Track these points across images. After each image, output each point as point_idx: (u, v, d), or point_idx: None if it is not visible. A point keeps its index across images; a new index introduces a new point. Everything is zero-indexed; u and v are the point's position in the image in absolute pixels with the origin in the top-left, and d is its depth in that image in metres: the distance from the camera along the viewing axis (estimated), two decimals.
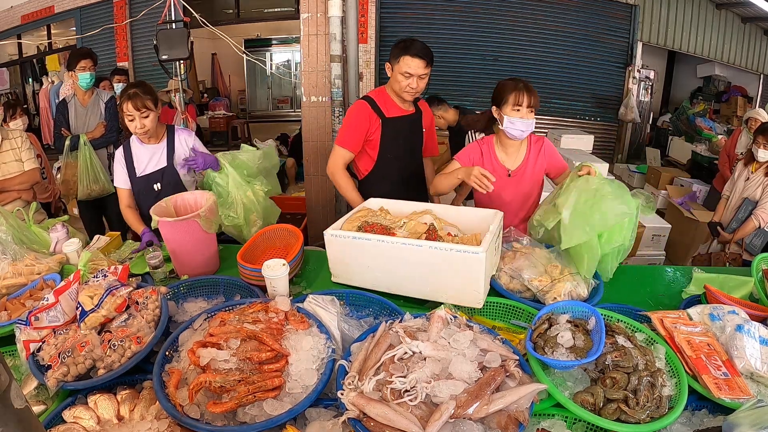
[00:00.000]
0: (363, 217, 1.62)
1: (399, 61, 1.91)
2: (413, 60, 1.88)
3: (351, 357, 1.12)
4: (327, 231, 1.50)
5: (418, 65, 1.89)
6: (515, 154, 1.90)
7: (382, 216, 1.66)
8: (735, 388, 1.06)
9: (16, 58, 7.89)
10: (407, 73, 1.91)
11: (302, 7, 3.24)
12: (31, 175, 2.39)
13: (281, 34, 9.72)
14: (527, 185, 1.92)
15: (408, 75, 1.91)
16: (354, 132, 2.04)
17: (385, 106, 2.05)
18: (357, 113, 2.03)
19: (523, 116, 1.73)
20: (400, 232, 1.54)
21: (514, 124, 1.74)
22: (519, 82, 1.75)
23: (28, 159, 2.38)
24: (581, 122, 6.92)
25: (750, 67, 6.97)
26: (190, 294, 1.50)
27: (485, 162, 1.88)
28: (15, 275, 1.54)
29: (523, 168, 1.90)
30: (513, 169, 1.89)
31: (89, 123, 3.06)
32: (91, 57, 3.02)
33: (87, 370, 1.09)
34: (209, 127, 8.46)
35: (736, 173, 2.96)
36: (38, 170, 2.48)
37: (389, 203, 1.77)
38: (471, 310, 1.42)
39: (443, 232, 1.59)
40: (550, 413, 1.07)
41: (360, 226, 1.56)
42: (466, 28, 6.71)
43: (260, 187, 2.03)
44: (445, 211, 1.71)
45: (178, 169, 2.09)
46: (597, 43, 6.81)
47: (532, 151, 1.89)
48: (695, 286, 1.65)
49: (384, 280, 1.47)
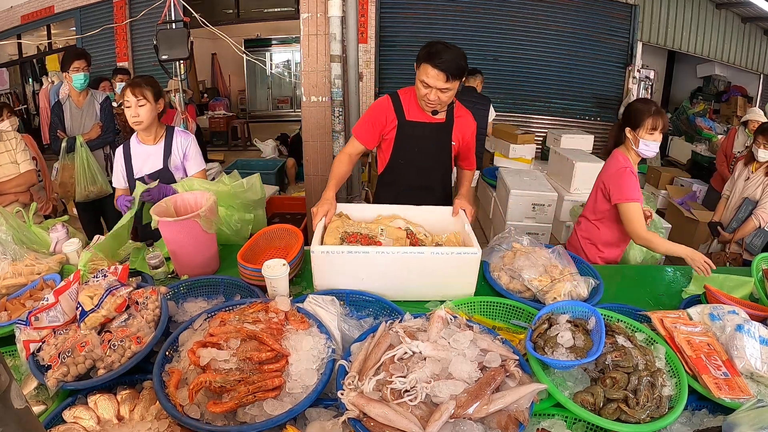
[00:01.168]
0: (339, 227, 1.59)
1: (420, 68, 1.71)
2: (432, 70, 1.65)
3: (351, 357, 1.12)
4: (316, 248, 1.42)
5: (437, 78, 1.65)
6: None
7: (357, 224, 1.65)
8: (735, 388, 1.06)
9: (16, 58, 7.89)
10: (425, 83, 1.70)
11: (302, 7, 3.23)
12: (28, 177, 2.38)
13: (281, 34, 9.73)
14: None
15: (426, 85, 1.70)
16: (367, 124, 1.92)
17: (408, 106, 1.88)
18: (375, 107, 1.92)
19: (656, 139, 1.84)
20: (382, 239, 1.57)
21: (649, 146, 1.84)
22: (652, 105, 1.85)
23: (24, 161, 2.37)
24: (581, 122, 6.93)
25: (750, 67, 6.97)
26: (190, 294, 1.50)
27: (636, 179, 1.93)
28: (15, 275, 1.54)
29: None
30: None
31: (85, 124, 3.05)
32: (85, 57, 3.00)
33: (87, 370, 1.09)
34: (209, 127, 8.47)
35: (736, 173, 2.96)
36: (34, 172, 2.47)
37: (348, 208, 1.76)
38: (471, 310, 1.43)
39: (420, 235, 1.66)
40: (550, 413, 1.07)
41: (342, 238, 1.54)
42: (467, 28, 6.71)
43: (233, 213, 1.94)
44: (408, 212, 1.75)
45: (173, 171, 2.09)
46: (597, 43, 6.81)
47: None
48: (695, 286, 1.66)
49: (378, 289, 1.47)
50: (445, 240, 1.65)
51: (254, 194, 2.03)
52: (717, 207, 3.10)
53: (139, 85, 1.94)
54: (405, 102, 1.88)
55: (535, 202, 3.87)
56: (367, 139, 1.92)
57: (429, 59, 1.65)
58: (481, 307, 1.45)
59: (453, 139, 1.95)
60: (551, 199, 3.89)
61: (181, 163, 2.11)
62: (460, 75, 1.67)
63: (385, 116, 1.89)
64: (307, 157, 3.59)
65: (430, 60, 1.64)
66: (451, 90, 1.71)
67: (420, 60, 1.70)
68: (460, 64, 1.65)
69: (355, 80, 3.32)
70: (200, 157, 2.17)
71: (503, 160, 5.55)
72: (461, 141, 1.98)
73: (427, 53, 1.66)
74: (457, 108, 1.94)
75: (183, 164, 2.12)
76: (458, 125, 1.94)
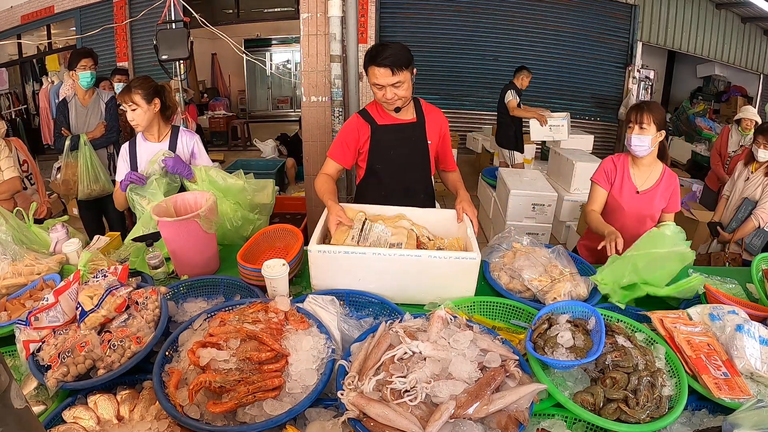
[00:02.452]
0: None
1: (368, 73, 1.76)
2: (378, 69, 1.70)
3: (351, 357, 1.12)
4: (313, 247, 1.43)
5: (384, 74, 1.71)
6: (645, 175, 2.00)
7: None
8: (735, 388, 1.06)
9: (16, 58, 7.89)
10: (377, 85, 1.75)
11: (302, 7, 3.23)
12: (11, 184, 2.35)
13: (281, 34, 9.73)
14: (650, 209, 1.99)
15: (379, 86, 1.75)
16: (341, 144, 1.92)
17: (377, 114, 1.92)
18: (347, 126, 1.95)
19: (638, 133, 1.87)
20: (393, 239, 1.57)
21: (631, 141, 1.91)
22: (639, 103, 1.93)
23: (8, 168, 2.34)
24: (581, 122, 6.93)
25: (750, 67, 6.97)
26: (190, 294, 1.50)
27: (618, 175, 2.02)
28: (15, 275, 1.54)
29: (652, 191, 1.98)
30: (642, 189, 1.98)
31: (89, 123, 3.07)
32: (92, 56, 3.02)
33: (87, 370, 1.09)
34: (209, 127, 8.48)
35: (736, 173, 2.96)
36: (18, 179, 2.44)
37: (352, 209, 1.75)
38: (471, 310, 1.43)
39: (423, 238, 1.66)
40: (550, 413, 1.07)
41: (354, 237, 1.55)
42: (466, 28, 6.72)
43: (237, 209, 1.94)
44: (414, 213, 1.75)
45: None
46: (597, 43, 6.82)
47: (664, 181, 1.98)
48: (609, 270, 1.63)
49: (375, 290, 1.46)
50: (447, 244, 1.64)
51: (265, 197, 2.05)
52: (717, 207, 3.10)
53: (129, 92, 1.99)
54: (373, 111, 1.93)
55: (535, 202, 3.87)
56: (343, 158, 1.92)
57: (372, 61, 1.71)
58: (481, 307, 1.45)
59: (428, 137, 1.97)
60: (551, 199, 3.89)
61: (187, 161, 2.13)
62: (405, 65, 1.72)
63: (357, 132, 1.91)
64: (307, 157, 3.59)
65: (373, 61, 1.71)
66: (404, 82, 1.74)
67: (366, 65, 1.75)
68: (401, 55, 1.70)
69: (355, 80, 3.32)
70: (206, 156, 2.20)
71: None
72: (437, 139, 2.00)
73: (370, 57, 1.73)
74: (425, 105, 1.98)
75: (190, 162, 2.14)
76: (430, 122, 1.96)
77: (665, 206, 2.00)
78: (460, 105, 7.15)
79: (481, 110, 7.15)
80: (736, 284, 1.59)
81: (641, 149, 1.89)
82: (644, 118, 1.85)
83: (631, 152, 1.94)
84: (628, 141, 1.92)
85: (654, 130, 1.86)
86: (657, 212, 2.00)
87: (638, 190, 1.98)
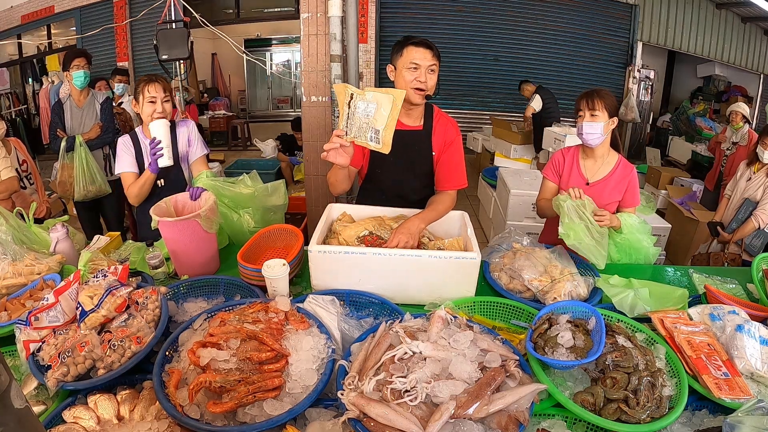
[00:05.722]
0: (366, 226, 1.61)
1: (402, 54, 1.68)
2: (417, 49, 1.64)
3: (351, 357, 1.12)
4: (313, 247, 1.42)
5: (425, 54, 1.65)
6: (596, 166, 1.95)
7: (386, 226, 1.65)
8: (735, 388, 1.06)
9: (16, 58, 7.90)
10: (414, 64, 1.64)
11: (302, 7, 3.23)
12: (8, 184, 2.35)
13: (281, 34, 9.74)
14: (603, 201, 1.89)
15: (415, 66, 1.65)
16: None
17: None
18: None
19: (588, 120, 1.82)
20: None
21: (580, 129, 1.86)
22: (589, 90, 1.88)
23: (5, 168, 2.34)
24: None
25: (750, 67, 6.97)
26: (190, 294, 1.50)
27: (566, 168, 1.98)
28: (15, 275, 1.54)
29: (603, 183, 1.92)
30: (592, 180, 1.94)
31: (85, 124, 3.06)
32: (85, 56, 3.01)
33: (87, 370, 1.09)
34: (209, 127, 8.48)
35: (739, 173, 2.96)
36: (16, 179, 2.43)
37: (352, 209, 1.75)
38: (471, 310, 1.43)
39: (424, 238, 1.66)
40: (551, 413, 1.07)
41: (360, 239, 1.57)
42: (467, 28, 6.72)
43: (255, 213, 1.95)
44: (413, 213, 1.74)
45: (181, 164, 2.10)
46: (597, 43, 6.82)
47: (618, 173, 1.92)
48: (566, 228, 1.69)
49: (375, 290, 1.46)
50: (447, 244, 1.64)
51: (278, 199, 2.06)
52: (719, 207, 3.10)
53: (167, 82, 2.00)
54: None
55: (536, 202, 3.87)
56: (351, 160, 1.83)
57: (409, 41, 1.67)
58: (481, 307, 1.45)
59: (434, 149, 1.84)
60: None
61: (186, 152, 2.13)
62: (439, 55, 1.71)
63: None
64: (307, 157, 3.59)
65: (411, 41, 1.67)
66: (435, 72, 1.69)
67: (399, 49, 1.69)
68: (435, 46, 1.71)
69: (356, 80, 3.32)
70: (202, 142, 2.17)
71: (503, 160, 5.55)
72: (447, 150, 1.85)
73: (404, 40, 1.69)
74: (437, 114, 1.85)
75: (187, 152, 2.13)
76: (438, 132, 1.84)
77: (621, 200, 1.93)
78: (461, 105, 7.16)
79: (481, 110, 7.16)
80: (737, 284, 1.59)
81: (593, 137, 1.83)
82: (595, 104, 1.79)
83: (583, 142, 1.89)
84: (579, 130, 1.87)
85: (606, 117, 1.80)
86: (611, 206, 1.90)
87: (588, 182, 1.92)
